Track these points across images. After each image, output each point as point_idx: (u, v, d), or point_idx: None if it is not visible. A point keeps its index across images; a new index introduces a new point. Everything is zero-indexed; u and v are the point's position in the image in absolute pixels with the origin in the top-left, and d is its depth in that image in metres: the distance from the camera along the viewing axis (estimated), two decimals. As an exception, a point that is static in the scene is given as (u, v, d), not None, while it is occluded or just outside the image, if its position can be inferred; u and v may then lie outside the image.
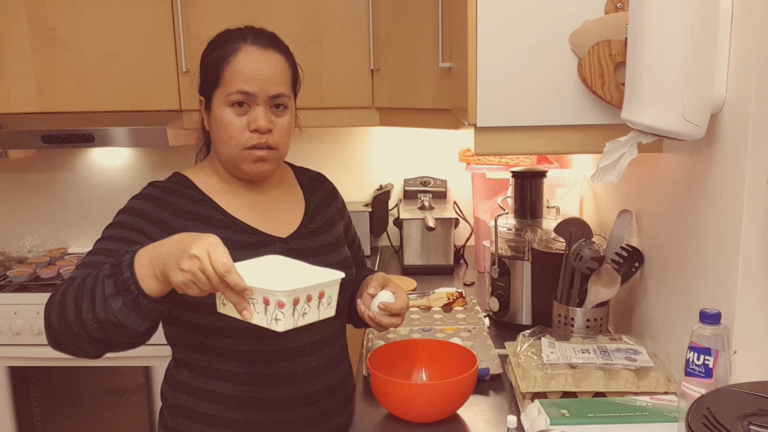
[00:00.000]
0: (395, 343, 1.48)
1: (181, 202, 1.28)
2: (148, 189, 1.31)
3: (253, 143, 1.26)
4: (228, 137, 1.26)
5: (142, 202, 1.27)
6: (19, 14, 2.34)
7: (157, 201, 1.27)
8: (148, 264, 1.05)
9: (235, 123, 1.25)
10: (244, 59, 1.25)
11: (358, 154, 2.78)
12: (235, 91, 1.24)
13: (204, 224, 1.27)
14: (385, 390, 1.33)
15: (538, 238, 1.82)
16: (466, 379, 1.32)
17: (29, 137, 2.33)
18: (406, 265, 2.43)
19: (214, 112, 1.28)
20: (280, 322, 1.00)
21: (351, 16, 2.33)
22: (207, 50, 1.31)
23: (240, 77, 1.24)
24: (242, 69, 1.24)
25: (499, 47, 1.40)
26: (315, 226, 1.40)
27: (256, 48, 1.26)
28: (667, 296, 1.48)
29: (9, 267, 2.58)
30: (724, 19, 1.16)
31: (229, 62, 1.25)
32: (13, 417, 2.38)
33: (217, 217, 1.29)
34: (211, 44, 1.31)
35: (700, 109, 1.14)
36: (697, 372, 1.14)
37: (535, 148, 1.46)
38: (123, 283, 1.04)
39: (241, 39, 1.27)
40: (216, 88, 1.27)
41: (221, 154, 1.30)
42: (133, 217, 1.25)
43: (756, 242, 1.13)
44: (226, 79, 1.25)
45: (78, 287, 1.09)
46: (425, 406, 1.32)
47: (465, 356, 1.41)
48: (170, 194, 1.29)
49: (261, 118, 1.25)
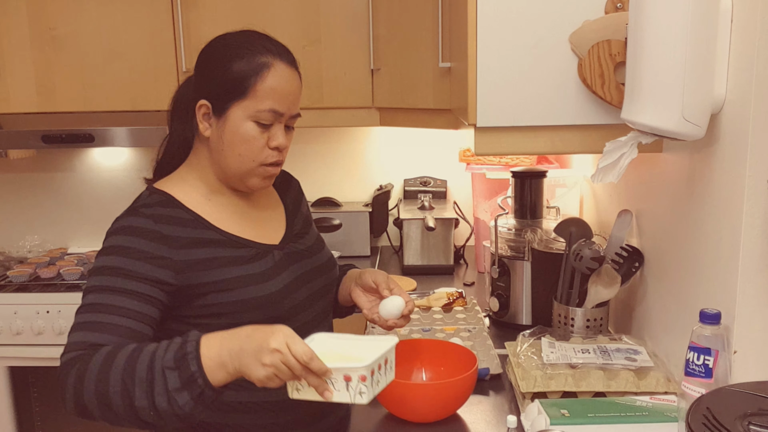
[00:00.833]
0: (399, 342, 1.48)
1: (175, 231, 1.22)
2: (136, 220, 1.21)
3: (272, 160, 1.26)
4: (247, 151, 1.23)
5: (135, 240, 1.19)
6: (19, 14, 2.34)
7: (151, 235, 1.20)
8: (217, 357, 1.05)
9: (258, 139, 1.23)
10: (277, 77, 1.22)
11: (358, 154, 2.78)
12: (267, 109, 1.22)
13: (203, 248, 1.22)
14: (385, 390, 1.33)
15: (538, 238, 1.82)
16: (466, 379, 1.32)
17: (29, 137, 2.33)
18: (406, 265, 2.42)
19: (231, 123, 1.22)
20: (364, 394, 1.05)
21: (351, 16, 2.33)
22: (222, 56, 1.23)
23: (273, 95, 1.22)
24: (276, 87, 1.22)
25: (499, 47, 1.40)
26: (298, 228, 1.41)
27: (286, 66, 1.24)
28: (667, 296, 1.47)
29: (9, 267, 2.58)
30: (724, 19, 1.16)
31: (262, 77, 1.21)
32: (13, 417, 2.38)
33: (214, 237, 1.25)
34: (228, 50, 1.24)
35: (700, 109, 1.14)
36: (697, 372, 1.14)
37: (535, 148, 1.46)
38: (190, 377, 1.05)
39: (269, 53, 1.23)
40: (240, 99, 1.21)
41: (228, 166, 1.25)
42: (130, 260, 1.17)
43: (756, 242, 1.13)
44: (257, 94, 1.21)
45: (124, 371, 1.06)
46: (425, 406, 1.32)
47: (465, 356, 1.41)
48: (162, 223, 1.21)
49: (282, 137, 1.25)
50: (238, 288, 1.23)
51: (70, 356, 1.12)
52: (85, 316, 1.15)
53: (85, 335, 1.13)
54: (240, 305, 1.22)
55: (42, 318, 2.31)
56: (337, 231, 2.58)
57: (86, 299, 1.17)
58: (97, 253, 1.22)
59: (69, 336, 1.15)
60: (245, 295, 1.23)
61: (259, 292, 1.24)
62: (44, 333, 2.31)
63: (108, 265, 1.18)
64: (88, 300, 1.16)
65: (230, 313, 1.22)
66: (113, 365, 1.07)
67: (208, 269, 1.21)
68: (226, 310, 1.22)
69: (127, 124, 2.32)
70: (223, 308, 1.22)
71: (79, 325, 1.15)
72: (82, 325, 1.14)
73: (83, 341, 1.12)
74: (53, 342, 2.32)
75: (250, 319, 1.22)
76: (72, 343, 1.13)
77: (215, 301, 1.21)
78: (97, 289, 1.17)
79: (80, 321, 1.15)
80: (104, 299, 1.15)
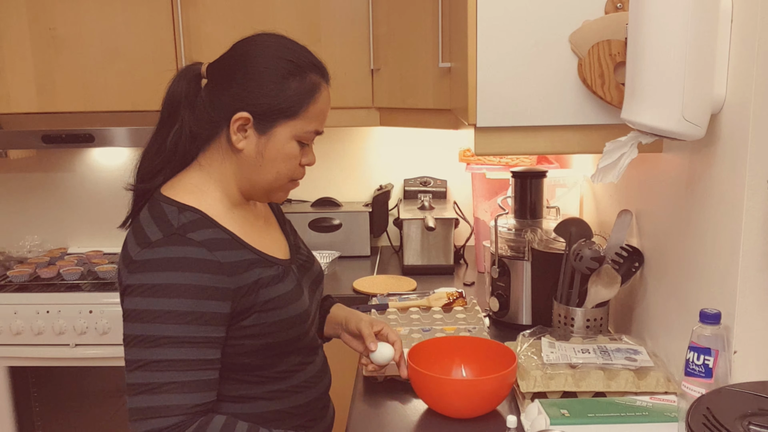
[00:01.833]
0: (433, 340, 1.51)
1: (227, 256, 1.16)
2: (190, 250, 1.13)
3: (301, 176, 1.27)
4: (287, 169, 1.23)
5: (195, 275, 1.12)
6: (19, 14, 2.34)
7: (211, 266, 1.13)
8: None
9: (298, 157, 1.24)
10: (325, 100, 1.24)
11: (358, 154, 2.78)
12: (313, 130, 1.23)
13: (247, 270, 1.19)
14: (425, 385, 1.36)
15: (538, 238, 1.82)
16: (505, 375, 1.33)
17: (29, 137, 2.33)
18: (406, 265, 2.42)
19: (277, 140, 1.20)
20: None
21: (351, 16, 2.33)
22: (275, 71, 1.18)
23: (320, 118, 1.24)
24: (323, 110, 1.24)
25: (499, 47, 1.40)
26: (293, 239, 1.42)
27: (328, 88, 1.26)
28: (667, 296, 1.47)
29: (9, 267, 2.58)
30: (724, 19, 1.16)
31: (315, 99, 1.21)
32: (13, 417, 2.38)
33: (251, 257, 1.21)
34: (279, 65, 1.19)
35: (700, 109, 1.14)
36: (697, 372, 1.14)
37: (535, 148, 1.46)
38: None
39: (318, 72, 1.23)
40: (290, 119, 1.19)
41: (261, 181, 1.23)
42: (201, 301, 1.11)
43: (756, 242, 1.13)
44: (309, 116, 1.21)
45: None
46: (464, 402, 1.34)
47: (504, 353, 1.42)
48: (216, 250, 1.15)
49: (313, 155, 1.27)
50: (280, 308, 1.22)
51: (168, 422, 1.07)
52: (163, 375, 1.08)
53: (174, 398, 1.08)
54: (280, 325, 1.22)
55: (42, 318, 2.31)
56: (337, 231, 2.58)
57: (151, 353, 1.09)
58: (134, 288, 1.12)
59: (142, 397, 1.08)
60: (285, 315, 1.23)
61: (297, 310, 1.25)
62: (44, 333, 2.31)
63: (173, 309, 1.10)
64: (156, 355, 1.09)
65: (269, 333, 1.22)
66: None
67: (255, 291, 1.19)
68: (268, 330, 1.21)
69: (127, 124, 2.32)
70: (264, 329, 1.21)
71: (160, 387, 1.08)
72: (163, 387, 1.08)
73: (177, 405, 1.08)
74: (53, 342, 2.32)
75: (286, 337, 1.24)
76: (159, 407, 1.07)
77: (257, 323, 1.20)
78: (169, 341, 1.09)
79: (157, 381, 1.08)
80: (181, 354, 1.10)
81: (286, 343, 1.25)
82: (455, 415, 1.36)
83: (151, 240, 1.14)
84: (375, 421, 1.37)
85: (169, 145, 1.24)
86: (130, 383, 1.10)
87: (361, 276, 2.36)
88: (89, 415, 2.39)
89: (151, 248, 1.13)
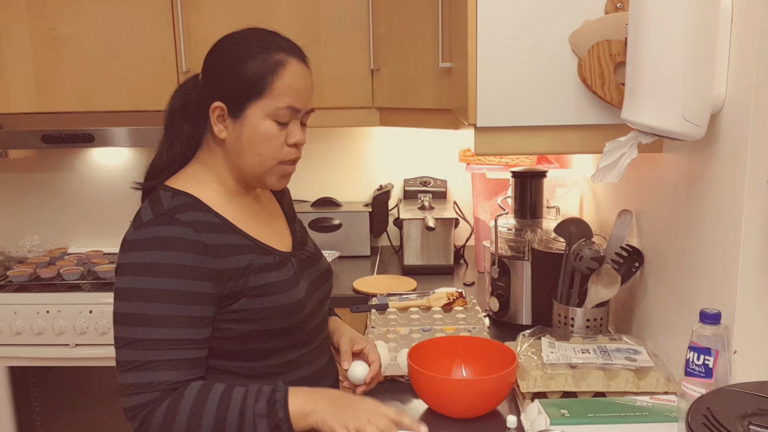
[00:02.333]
0: (433, 340, 1.51)
1: (215, 238, 1.20)
2: (175, 230, 1.17)
3: (291, 157, 1.26)
4: (267, 150, 1.23)
5: (180, 255, 1.15)
6: (19, 14, 2.34)
7: (195, 247, 1.17)
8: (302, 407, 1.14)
9: (278, 137, 1.23)
10: (294, 73, 1.22)
11: (358, 154, 2.78)
12: (285, 106, 1.22)
13: (238, 255, 1.21)
14: (426, 385, 1.36)
15: (538, 238, 1.82)
16: (505, 375, 1.33)
17: (29, 137, 2.33)
18: (406, 265, 2.42)
19: (250, 123, 1.21)
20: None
21: (351, 16, 2.33)
22: (233, 56, 1.22)
23: (290, 92, 1.22)
24: (293, 84, 1.22)
25: (499, 47, 1.40)
26: (300, 235, 1.43)
27: (299, 62, 1.24)
28: (667, 296, 1.47)
29: (9, 267, 2.58)
30: (724, 19, 1.16)
31: (278, 75, 1.21)
32: (13, 417, 2.38)
33: (244, 243, 1.24)
34: (239, 50, 1.22)
35: (700, 109, 1.14)
36: (697, 372, 1.14)
37: (535, 148, 1.46)
38: (277, 424, 1.12)
39: (282, 50, 1.22)
40: (257, 99, 1.21)
41: (248, 166, 1.24)
42: (182, 280, 1.15)
43: (756, 242, 1.13)
44: (275, 92, 1.21)
45: (216, 418, 1.11)
46: (465, 402, 1.34)
47: (504, 353, 1.42)
48: (203, 232, 1.18)
49: (300, 133, 1.25)
50: (269, 295, 1.23)
51: (146, 398, 1.12)
52: (147, 353, 1.13)
53: (154, 375, 1.12)
54: (270, 312, 1.23)
55: (42, 318, 2.31)
56: (337, 231, 2.58)
57: (137, 331, 1.13)
58: (124, 267, 1.17)
59: (128, 374, 1.13)
60: (276, 302, 1.23)
61: (288, 299, 1.25)
62: (44, 333, 2.31)
63: (152, 287, 1.14)
64: (141, 333, 1.13)
65: (260, 320, 1.23)
66: (205, 410, 1.12)
67: (244, 276, 1.21)
68: (256, 317, 1.22)
69: (127, 124, 2.32)
70: (254, 314, 1.22)
71: (143, 364, 1.12)
72: (146, 365, 1.12)
73: (157, 382, 1.12)
74: (53, 342, 2.32)
75: (276, 325, 1.24)
76: (141, 384, 1.12)
77: (247, 307, 1.21)
78: (148, 321, 1.13)
79: (141, 359, 1.13)
80: (162, 333, 1.13)
81: (275, 333, 1.25)
82: (455, 415, 1.36)
83: (143, 221, 1.20)
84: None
85: (169, 147, 1.31)
86: (120, 360, 1.15)
87: (361, 276, 2.36)
88: (89, 415, 2.39)
89: (143, 228, 1.18)
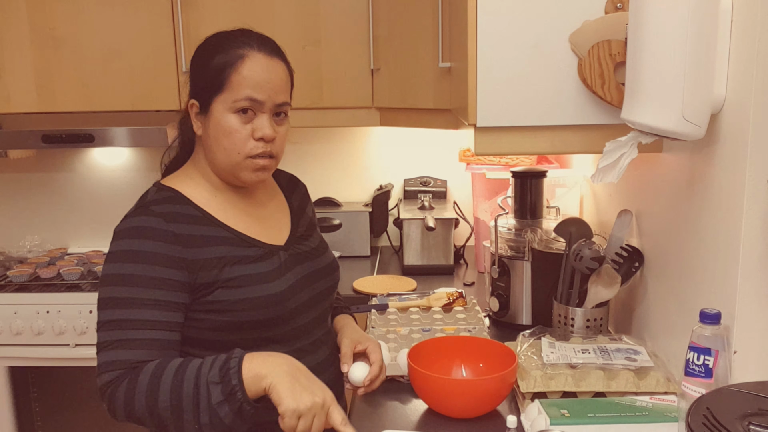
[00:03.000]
0: (433, 340, 1.51)
1: (187, 229, 1.22)
2: (147, 220, 1.21)
3: (258, 152, 1.25)
4: (231, 144, 1.24)
5: (148, 243, 1.19)
6: (19, 14, 2.34)
7: (165, 236, 1.20)
8: (256, 369, 1.11)
9: (240, 131, 1.23)
10: (253, 66, 1.23)
11: (358, 154, 2.78)
12: (243, 97, 1.22)
13: (213, 246, 1.23)
14: (426, 385, 1.36)
15: (538, 238, 1.82)
16: (505, 376, 1.33)
17: (29, 137, 2.33)
18: (406, 265, 2.42)
19: (214, 117, 1.24)
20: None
21: (351, 16, 2.33)
22: (204, 53, 1.27)
23: (248, 84, 1.22)
24: (251, 76, 1.23)
25: (499, 47, 1.40)
26: (303, 230, 1.42)
27: (263, 55, 1.24)
28: (667, 296, 1.47)
29: (9, 267, 2.58)
30: (724, 19, 1.16)
31: (236, 68, 1.22)
32: (13, 417, 2.38)
33: (223, 234, 1.26)
34: (209, 47, 1.27)
35: (700, 109, 1.14)
36: (697, 372, 1.14)
37: (535, 148, 1.46)
38: (231, 390, 1.09)
39: (247, 45, 1.24)
40: (219, 93, 1.23)
41: (218, 161, 1.27)
42: (147, 266, 1.18)
43: (756, 242, 1.13)
44: (233, 84, 1.22)
45: (172, 388, 1.11)
46: (465, 402, 1.34)
47: (504, 353, 1.43)
48: (174, 222, 1.22)
49: (267, 127, 1.24)
50: (244, 286, 1.23)
51: (112, 375, 1.14)
52: (115, 333, 1.16)
53: (121, 354, 1.15)
54: (245, 303, 1.23)
55: (42, 318, 2.31)
56: (337, 231, 2.58)
57: (109, 313, 1.17)
58: (107, 256, 1.21)
59: (101, 354, 1.16)
60: (251, 294, 1.24)
61: (265, 292, 1.25)
62: (44, 333, 2.31)
63: (125, 272, 1.18)
64: (112, 315, 1.17)
65: (234, 311, 1.23)
66: (161, 383, 1.11)
67: (218, 267, 1.23)
68: (231, 308, 1.23)
69: (127, 124, 2.32)
70: (228, 305, 1.22)
71: (112, 344, 1.16)
72: (114, 344, 1.16)
73: (121, 360, 1.15)
74: (53, 342, 2.32)
75: (253, 318, 1.24)
76: (108, 362, 1.15)
77: (221, 298, 1.22)
78: (119, 303, 1.17)
79: (111, 339, 1.16)
80: (130, 314, 1.17)
81: (252, 325, 1.25)
82: (455, 415, 1.36)
83: (126, 214, 1.26)
84: (375, 421, 1.37)
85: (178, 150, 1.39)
86: (97, 342, 1.19)
87: (361, 276, 2.36)
88: (89, 415, 2.39)
89: (124, 220, 1.24)
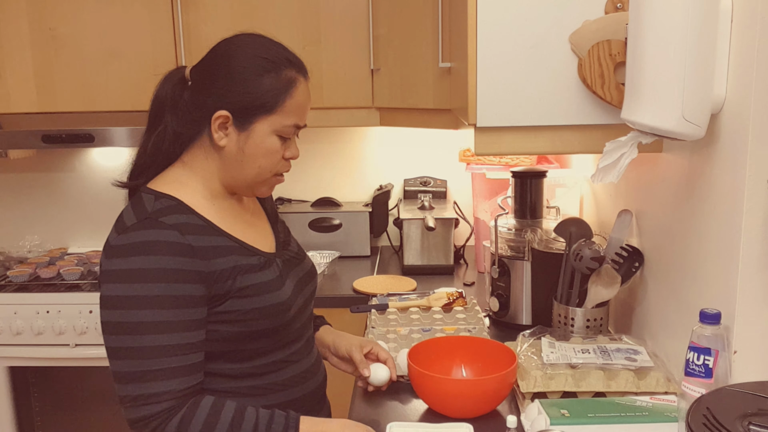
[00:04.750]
0: (433, 340, 1.51)
1: (201, 241, 1.19)
2: (161, 233, 1.15)
3: (285, 170, 1.29)
4: (268, 164, 1.25)
5: (167, 259, 1.14)
6: (19, 14, 2.34)
7: (183, 250, 1.16)
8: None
9: (280, 152, 1.25)
10: (303, 93, 1.25)
11: (358, 154, 2.78)
12: (292, 124, 1.24)
13: (224, 256, 1.21)
14: (426, 385, 1.36)
15: (538, 238, 1.82)
16: (505, 375, 1.33)
17: (29, 137, 2.33)
18: (406, 265, 2.42)
19: (256, 136, 1.22)
20: None
21: (351, 16, 2.33)
22: (246, 68, 1.21)
23: (299, 112, 1.25)
24: (302, 104, 1.25)
25: (499, 47, 1.40)
26: (283, 236, 1.43)
27: (306, 81, 1.27)
28: (667, 296, 1.47)
29: (9, 267, 2.58)
30: (724, 19, 1.16)
31: (291, 94, 1.23)
32: (13, 417, 2.38)
33: (229, 244, 1.24)
34: (253, 63, 1.21)
35: (700, 109, 1.14)
36: (697, 372, 1.14)
37: (535, 148, 1.46)
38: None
39: (293, 67, 1.24)
40: (267, 114, 1.22)
41: (243, 176, 1.25)
42: (173, 284, 1.14)
43: (756, 242, 1.13)
44: (285, 109, 1.22)
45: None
46: (465, 402, 1.34)
47: (504, 353, 1.43)
48: (189, 234, 1.18)
49: (296, 149, 1.29)
50: (255, 296, 1.23)
51: (158, 408, 1.12)
52: (147, 363, 1.12)
53: (162, 384, 1.12)
54: (256, 313, 1.23)
55: (42, 318, 2.31)
56: (337, 231, 2.58)
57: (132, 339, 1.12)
58: (112, 275, 1.15)
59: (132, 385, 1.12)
60: (262, 303, 1.24)
61: (275, 300, 1.25)
62: (44, 333, 2.31)
63: (146, 294, 1.13)
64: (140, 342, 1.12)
65: (245, 320, 1.23)
66: (218, 424, 1.14)
67: (231, 278, 1.21)
68: (242, 318, 1.22)
69: (127, 124, 2.32)
70: (240, 315, 1.22)
71: (147, 374, 1.12)
72: (150, 374, 1.12)
73: (163, 391, 1.12)
74: (53, 342, 2.32)
75: (262, 326, 1.25)
76: (151, 394, 1.11)
77: (233, 309, 1.21)
78: (149, 328, 1.12)
79: (143, 369, 1.12)
80: (163, 340, 1.13)
81: (262, 333, 1.25)
82: (455, 415, 1.35)
83: (126, 225, 1.18)
84: (375, 421, 1.36)
85: (153, 145, 1.28)
86: (117, 371, 1.13)
87: (361, 276, 2.36)
88: (89, 415, 2.39)
89: (126, 233, 1.16)
